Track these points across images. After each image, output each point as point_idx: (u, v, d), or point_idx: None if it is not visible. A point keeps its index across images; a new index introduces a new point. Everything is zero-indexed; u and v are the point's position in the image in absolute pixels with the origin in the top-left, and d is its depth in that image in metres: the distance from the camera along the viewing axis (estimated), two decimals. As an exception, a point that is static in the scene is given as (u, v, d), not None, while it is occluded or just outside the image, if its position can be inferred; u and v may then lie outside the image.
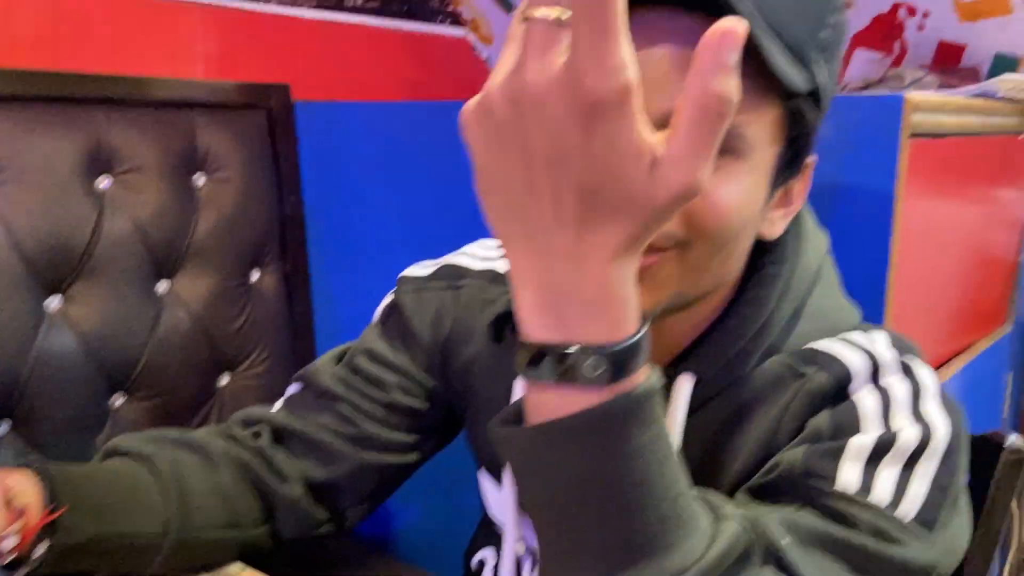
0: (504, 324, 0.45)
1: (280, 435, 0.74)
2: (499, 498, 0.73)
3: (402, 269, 1.07)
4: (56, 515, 0.57)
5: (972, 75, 1.15)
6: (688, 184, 0.37)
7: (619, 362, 0.39)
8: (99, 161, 1.09)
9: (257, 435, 0.73)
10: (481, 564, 0.79)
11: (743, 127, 0.50)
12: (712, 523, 0.44)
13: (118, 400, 1.13)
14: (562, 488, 0.41)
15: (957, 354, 1.01)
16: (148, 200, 1.14)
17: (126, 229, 1.11)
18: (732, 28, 0.35)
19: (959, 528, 0.54)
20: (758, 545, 0.45)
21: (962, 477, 0.55)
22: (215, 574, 0.66)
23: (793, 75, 0.49)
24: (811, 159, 0.59)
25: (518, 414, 0.44)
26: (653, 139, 0.37)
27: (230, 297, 1.24)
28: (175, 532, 0.64)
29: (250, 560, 0.70)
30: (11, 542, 0.55)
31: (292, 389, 0.78)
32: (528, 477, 0.43)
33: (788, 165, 0.55)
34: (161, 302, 1.16)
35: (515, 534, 0.71)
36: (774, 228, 0.58)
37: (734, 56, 0.35)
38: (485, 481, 0.75)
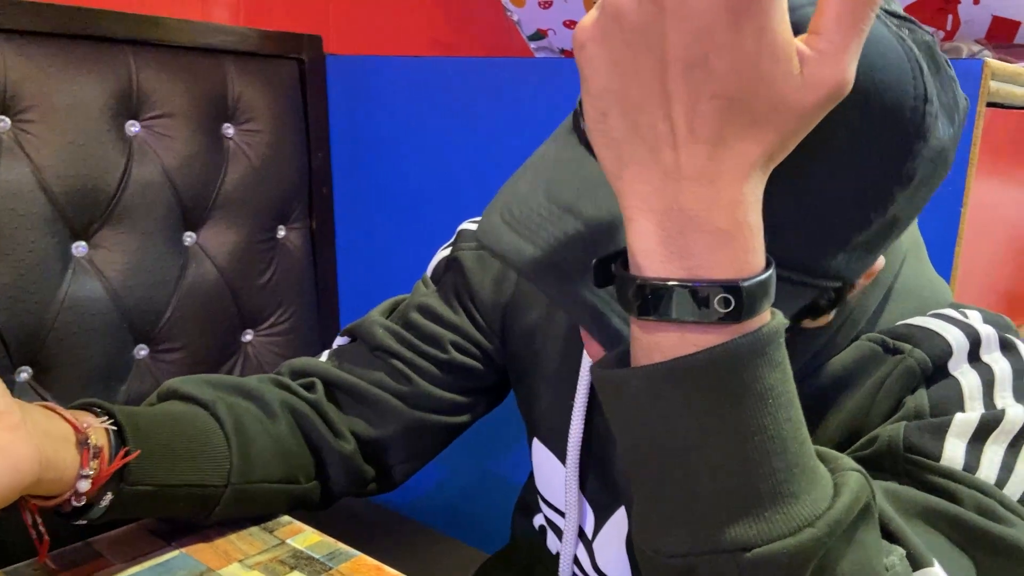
0: (608, 266, 0.41)
1: (332, 388, 0.71)
2: (555, 475, 0.71)
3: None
4: (129, 459, 0.54)
5: (1028, 52, 1.12)
6: (841, 81, 0.34)
7: (749, 299, 0.36)
8: (129, 104, 1.06)
9: (310, 387, 0.70)
10: (544, 529, 0.76)
11: None
12: (831, 474, 0.42)
13: (141, 351, 1.10)
14: (679, 434, 0.38)
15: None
16: (177, 148, 1.10)
17: (154, 176, 1.08)
18: None
19: None
20: (875, 502, 0.43)
21: None
22: (266, 526, 0.64)
23: (781, 301, 0.42)
24: (876, 265, 0.49)
25: (622, 359, 0.41)
26: (795, 39, 0.34)
27: (256, 252, 1.21)
28: (235, 483, 0.61)
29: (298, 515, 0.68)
30: (84, 485, 0.52)
31: (340, 342, 0.75)
32: (639, 424, 0.40)
33: (810, 313, 0.49)
34: (187, 253, 1.13)
35: (576, 518, 0.68)
36: (823, 319, 0.51)
37: None
38: (540, 453, 0.73)
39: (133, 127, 1.06)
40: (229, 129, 1.17)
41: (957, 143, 0.46)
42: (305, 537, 0.62)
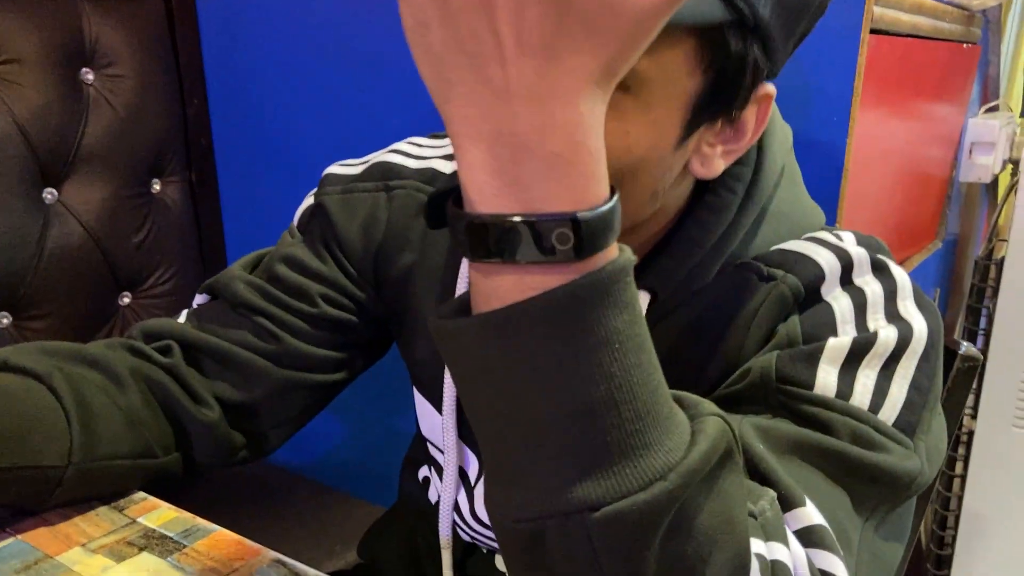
0: (442, 204, 0.36)
1: (191, 351, 0.65)
2: (436, 423, 0.67)
3: (321, 175, 0.97)
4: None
5: (917, -20, 1.12)
6: None
7: (590, 234, 0.33)
8: (-33, 49, 0.96)
9: (165, 351, 0.65)
10: (427, 480, 0.73)
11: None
12: (690, 420, 0.39)
13: (3, 320, 1.01)
14: (520, 386, 0.34)
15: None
16: (29, 96, 1.01)
17: (4, 128, 0.99)
18: None
19: (940, 431, 0.51)
20: (737, 447, 0.40)
21: (940, 378, 0.52)
22: (117, 505, 0.59)
23: (702, 5, 0.41)
24: (768, 90, 0.49)
25: (464, 307, 0.37)
26: None
27: (128, 209, 1.13)
28: (78, 462, 0.55)
29: (158, 489, 0.63)
30: None
31: (199, 300, 0.70)
32: (477, 378, 0.36)
33: (714, 100, 0.46)
34: (49, 212, 1.05)
35: (455, 462, 0.65)
36: (710, 167, 0.50)
37: None
38: (421, 401, 0.69)
39: (-26, 74, 0.97)
40: (88, 75, 1.07)
41: None
42: (160, 514, 0.57)
